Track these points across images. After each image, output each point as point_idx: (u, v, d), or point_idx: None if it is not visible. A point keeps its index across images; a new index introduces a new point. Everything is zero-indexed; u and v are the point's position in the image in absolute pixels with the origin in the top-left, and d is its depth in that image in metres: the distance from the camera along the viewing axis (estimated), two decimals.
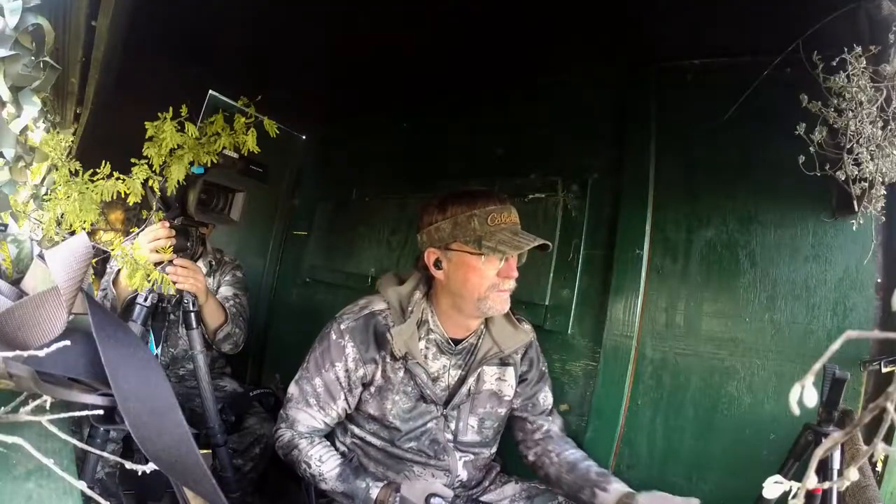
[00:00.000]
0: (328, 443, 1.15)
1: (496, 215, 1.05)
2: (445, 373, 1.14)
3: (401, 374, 1.11)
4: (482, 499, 1.18)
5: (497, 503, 1.17)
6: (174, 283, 1.27)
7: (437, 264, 1.09)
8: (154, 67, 1.78)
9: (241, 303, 1.85)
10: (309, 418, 1.15)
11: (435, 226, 1.08)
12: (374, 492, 1.01)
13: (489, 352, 1.15)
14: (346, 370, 1.12)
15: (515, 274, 1.08)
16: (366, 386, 1.14)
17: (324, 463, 1.08)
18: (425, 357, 1.13)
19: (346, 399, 1.14)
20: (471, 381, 1.14)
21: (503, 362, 1.19)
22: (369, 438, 1.16)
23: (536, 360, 1.25)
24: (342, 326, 1.13)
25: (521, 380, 1.22)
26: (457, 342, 1.15)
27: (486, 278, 1.05)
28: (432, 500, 0.96)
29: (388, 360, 1.12)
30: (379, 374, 1.12)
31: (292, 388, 1.17)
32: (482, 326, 1.18)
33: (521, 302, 1.56)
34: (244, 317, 1.82)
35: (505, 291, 1.07)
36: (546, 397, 1.26)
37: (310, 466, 1.08)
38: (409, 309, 1.11)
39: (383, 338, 1.11)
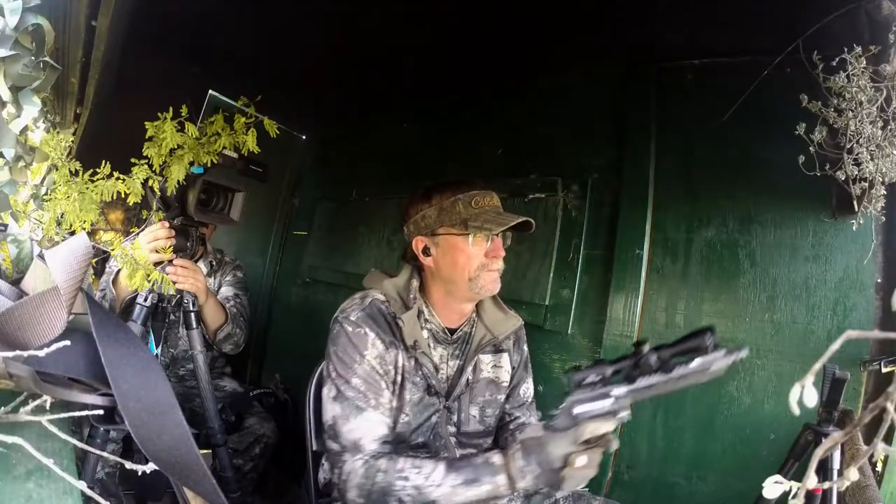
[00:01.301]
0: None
1: (479, 198, 1.07)
2: (444, 363, 1.15)
3: (412, 363, 1.10)
4: None
5: (496, 501, 1.17)
6: (174, 283, 1.27)
7: (426, 251, 1.11)
8: (154, 67, 1.78)
9: (241, 303, 1.86)
10: (371, 428, 1.01)
11: (421, 214, 1.10)
12: (496, 457, 0.91)
13: (483, 339, 1.16)
14: (378, 356, 1.05)
15: (502, 253, 1.09)
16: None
17: (422, 467, 0.93)
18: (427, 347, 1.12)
19: (387, 387, 1.06)
20: (468, 370, 1.14)
21: (497, 349, 1.19)
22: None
23: (521, 346, 1.26)
24: (353, 318, 1.08)
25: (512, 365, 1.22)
26: (452, 332, 1.16)
27: (474, 258, 1.06)
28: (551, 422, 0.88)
29: (401, 347, 1.09)
30: (400, 360, 1.09)
31: (332, 409, 1.02)
32: (474, 314, 1.18)
33: (522, 302, 1.57)
34: (245, 317, 1.83)
35: (494, 271, 1.09)
36: (527, 389, 1.26)
37: (408, 479, 0.92)
38: (412, 296, 1.11)
39: (394, 325, 1.09)
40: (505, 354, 1.20)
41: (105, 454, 0.55)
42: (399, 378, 1.09)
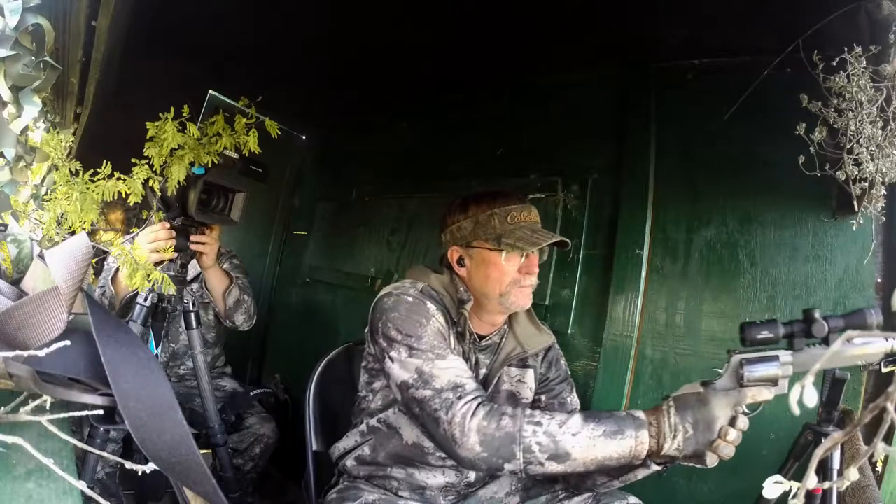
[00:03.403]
0: None
1: (516, 213, 1.06)
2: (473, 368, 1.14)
3: (460, 350, 1.08)
4: (480, 492, 1.17)
5: (495, 495, 1.17)
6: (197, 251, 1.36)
7: (461, 262, 1.11)
8: (154, 67, 1.78)
9: (244, 283, 1.84)
10: (462, 368, 0.93)
11: (457, 225, 1.10)
12: (639, 413, 0.84)
13: (512, 352, 1.14)
14: (442, 326, 1.01)
15: (536, 270, 1.09)
16: None
17: (554, 415, 0.84)
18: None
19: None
20: (493, 380, 1.13)
21: (524, 364, 1.17)
22: (403, 429, 1.06)
23: (557, 362, 1.23)
24: (411, 292, 1.04)
25: (542, 380, 1.20)
26: (481, 338, 1.15)
27: (507, 274, 1.06)
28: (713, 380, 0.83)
29: (454, 332, 1.07)
30: (453, 342, 1.06)
31: (411, 364, 0.93)
32: (505, 326, 1.17)
33: None
34: (249, 294, 1.80)
35: (527, 287, 1.08)
36: (574, 399, 1.23)
37: (540, 425, 0.81)
38: (463, 288, 1.09)
39: (446, 313, 1.07)
40: (530, 371, 1.18)
41: (105, 454, 0.55)
42: None
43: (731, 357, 0.83)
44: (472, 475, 1.13)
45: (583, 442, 0.80)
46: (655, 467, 0.86)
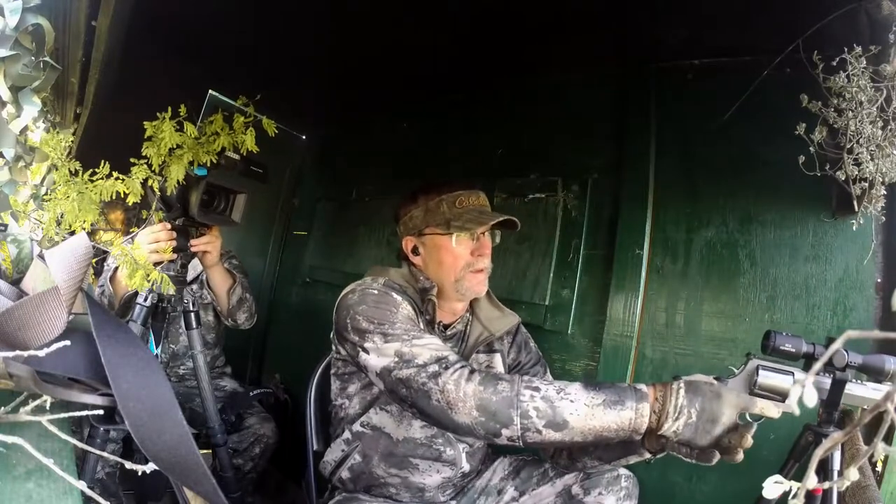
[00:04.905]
0: None
1: (464, 198, 1.09)
2: None
3: None
4: (476, 482, 1.17)
5: (489, 482, 1.17)
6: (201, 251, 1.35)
7: (415, 251, 1.13)
8: (154, 67, 1.78)
9: (245, 282, 1.83)
10: (439, 344, 0.89)
11: (409, 215, 1.13)
12: (643, 386, 0.80)
13: (480, 336, 1.16)
14: (409, 312, 1.01)
15: (488, 252, 1.10)
16: None
17: (553, 382, 0.81)
18: None
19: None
20: None
21: (490, 349, 1.19)
22: (389, 428, 1.06)
23: (527, 344, 1.24)
24: (375, 286, 1.03)
25: (514, 365, 1.21)
26: (446, 327, 1.16)
27: (459, 258, 1.07)
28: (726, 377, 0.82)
29: (423, 320, 1.07)
30: (423, 327, 1.05)
31: (389, 348, 0.89)
32: (468, 314, 1.19)
33: (522, 302, 1.57)
34: (251, 293, 1.79)
35: (480, 272, 1.09)
36: (549, 379, 1.23)
37: (538, 390, 0.78)
38: (423, 277, 1.10)
39: (412, 303, 1.06)
40: (497, 356, 1.19)
41: (105, 454, 0.55)
42: None
43: (750, 360, 0.83)
44: (466, 466, 1.13)
45: (581, 410, 0.76)
46: (647, 454, 0.87)
